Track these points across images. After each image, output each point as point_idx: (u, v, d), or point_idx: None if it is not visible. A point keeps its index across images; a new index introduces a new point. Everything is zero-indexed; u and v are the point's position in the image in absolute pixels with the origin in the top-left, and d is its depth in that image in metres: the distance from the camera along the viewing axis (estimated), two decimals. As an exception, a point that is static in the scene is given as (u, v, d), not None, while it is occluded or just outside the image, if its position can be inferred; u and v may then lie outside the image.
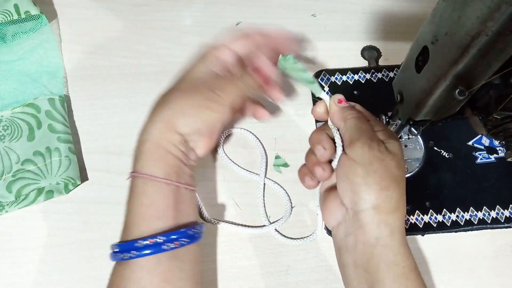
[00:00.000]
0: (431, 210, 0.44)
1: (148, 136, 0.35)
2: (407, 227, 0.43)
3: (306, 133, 0.43)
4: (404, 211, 0.34)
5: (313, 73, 0.51)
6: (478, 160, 0.47)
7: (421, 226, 0.43)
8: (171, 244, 0.32)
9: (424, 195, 0.45)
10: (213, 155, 0.46)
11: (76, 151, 0.44)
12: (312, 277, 0.41)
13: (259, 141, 0.47)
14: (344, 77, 0.50)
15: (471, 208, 0.44)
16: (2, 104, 0.46)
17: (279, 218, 0.43)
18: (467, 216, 0.44)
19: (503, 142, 0.38)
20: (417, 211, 0.44)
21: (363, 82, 0.50)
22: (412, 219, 0.44)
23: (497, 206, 0.44)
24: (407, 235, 0.43)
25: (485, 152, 0.47)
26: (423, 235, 0.43)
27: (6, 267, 0.40)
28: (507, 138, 0.37)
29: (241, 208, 0.44)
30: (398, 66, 0.50)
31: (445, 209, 0.44)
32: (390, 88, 0.38)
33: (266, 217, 0.43)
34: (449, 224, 0.43)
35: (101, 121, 0.47)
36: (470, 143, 0.47)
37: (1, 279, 0.40)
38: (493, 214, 0.44)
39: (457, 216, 0.44)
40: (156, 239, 0.32)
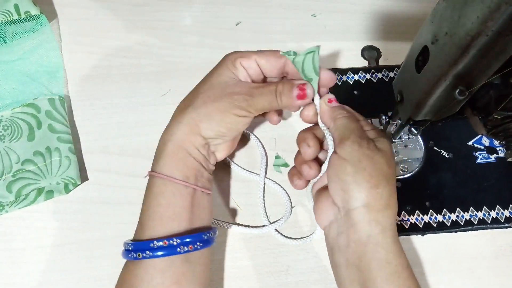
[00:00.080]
0: (431, 210, 0.44)
1: (171, 137, 0.35)
2: (407, 227, 0.43)
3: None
4: (395, 209, 0.34)
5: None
6: (478, 160, 0.47)
7: (421, 226, 0.43)
8: (185, 247, 0.32)
9: (424, 195, 0.45)
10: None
11: (76, 151, 0.44)
12: (312, 277, 0.41)
13: (259, 141, 0.47)
14: (344, 77, 0.50)
15: (471, 208, 0.44)
16: (2, 104, 0.46)
17: (279, 218, 0.43)
18: (467, 216, 0.44)
19: (503, 142, 0.38)
20: (417, 211, 0.44)
21: (363, 82, 0.50)
22: (412, 219, 0.44)
23: (497, 206, 0.44)
24: (407, 235, 0.43)
25: (485, 152, 0.47)
26: (423, 235, 0.43)
27: (6, 267, 0.40)
28: (507, 138, 0.37)
29: (241, 208, 0.44)
30: (398, 66, 0.50)
31: (445, 209, 0.44)
32: (390, 88, 0.38)
33: (266, 217, 0.43)
34: (449, 224, 0.43)
35: (101, 121, 0.47)
36: (470, 143, 0.47)
37: (1, 279, 0.40)
38: (493, 214, 0.44)
39: (457, 216, 0.44)
40: (171, 241, 0.32)
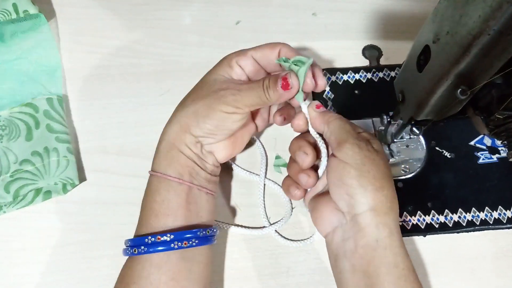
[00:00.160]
0: (433, 211, 0.44)
1: (165, 137, 0.36)
2: (409, 228, 0.43)
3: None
4: (397, 210, 0.34)
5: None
6: (480, 160, 0.46)
7: (423, 227, 0.43)
8: (180, 243, 0.32)
9: (426, 196, 0.44)
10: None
11: (75, 151, 0.44)
12: (313, 279, 0.41)
13: (259, 141, 0.46)
14: (345, 77, 0.50)
15: (473, 209, 0.44)
16: (0, 104, 0.46)
17: (280, 219, 0.43)
18: (469, 217, 0.44)
19: (505, 142, 0.37)
20: (419, 212, 0.43)
21: (364, 82, 0.50)
22: (414, 220, 0.43)
23: (499, 207, 0.44)
24: (409, 236, 0.43)
25: (487, 152, 0.47)
26: (425, 236, 0.43)
27: (5, 268, 0.40)
28: (509, 138, 0.37)
29: (241, 209, 0.44)
30: (400, 66, 0.50)
31: (447, 210, 0.44)
32: (392, 88, 0.38)
33: (266, 218, 0.43)
34: (451, 225, 0.43)
35: (100, 121, 0.47)
36: (472, 143, 0.47)
37: (1, 280, 0.39)
38: (495, 215, 0.44)
39: (459, 217, 0.44)
40: (165, 237, 0.32)
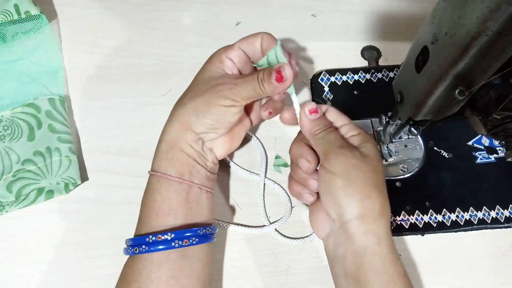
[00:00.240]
0: (431, 210, 0.44)
1: (165, 136, 0.36)
2: (407, 227, 0.43)
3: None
4: (389, 216, 0.34)
5: (313, 73, 0.51)
6: (478, 160, 0.47)
7: (421, 226, 0.43)
8: (180, 242, 0.33)
9: (424, 195, 0.45)
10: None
11: (76, 151, 0.44)
12: (313, 277, 0.41)
13: (259, 141, 0.47)
14: (344, 77, 0.50)
15: (471, 208, 0.44)
16: (2, 104, 0.46)
17: (279, 218, 0.43)
18: (467, 216, 0.44)
19: (503, 142, 0.38)
20: (417, 211, 0.44)
21: (363, 82, 0.50)
22: (412, 219, 0.44)
23: (497, 206, 0.44)
24: (407, 235, 0.43)
25: (485, 152, 0.47)
26: (423, 235, 0.43)
27: (6, 267, 0.40)
28: (507, 138, 0.37)
29: (241, 208, 0.44)
30: (398, 66, 0.50)
31: (445, 209, 0.44)
32: (390, 88, 0.38)
33: (266, 217, 0.43)
34: (449, 224, 0.43)
35: (101, 121, 0.47)
36: (470, 143, 0.47)
37: (1, 279, 0.40)
38: (493, 214, 0.44)
39: (457, 216, 0.44)
40: (166, 236, 0.33)
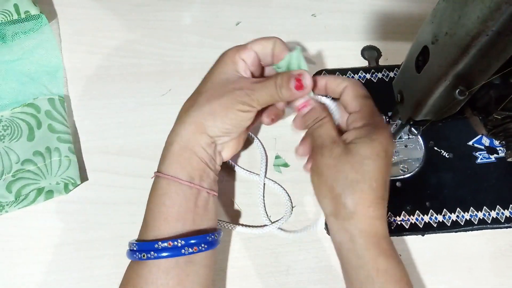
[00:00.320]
0: (431, 210, 0.44)
1: (177, 138, 0.34)
2: (407, 227, 0.43)
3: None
4: (368, 214, 0.32)
5: (313, 73, 0.51)
6: (478, 160, 0.47)
7: (421, 226, 0.43)
8: (190, 249, 0.32)
9: (424, 195, 0.45)
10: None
11: (76, 151, 0.44)
12: (312, 277, 0.41)
13: (259, 141, 0.47)
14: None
15: (471, 208, 0.44)
16: (2, 104, 0.46)
17: (280, 218, 0.43)
18: (467, 216, 0.44)
19: (503, 142, 0.38)
20: (417, 211, 0.44)
21: (363, 82, 0.50)
22: (412, 219, 0.43)
23: (497, 206, 0.44)
24: (408, 235, 0.43)
25: (485, 152, 0.47)
26: (423, 235, 0.43)
27: (6, 267, 0.40)
28: (507, 138, 0.37)
29: (241, 208, 0.44)
30: (398, 66, 0.50)
31: (445, 209, 0.44)
32: (390, 88, 0.38)
33: (267, 217, 0.43)
34: (449, 224, 0.43)
35: (101, 121, 0.47)
36: (470, 143, 0.47)
37: (1, 279, 0.39)
38: (493, 214, 0.44)
39: (457, 216, 0.44)
40: (176, 243, 0.32)
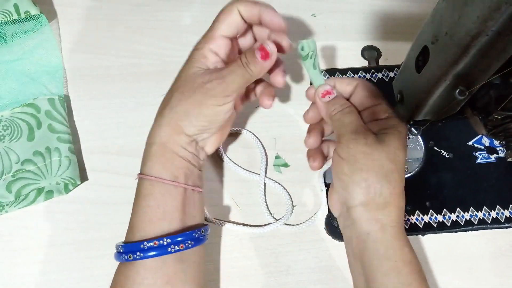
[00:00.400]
0: (431, 210, 0.44)
1: (155, 139, 0.34)
2: (407, 227, 0.43)
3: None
4: (399, 204, 0.33)
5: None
6: (478, 160, 0.47)
7: (421, 226, 0.43)
8: (177, 247, 0.32)
9: (424, 195, 0.45)
10: (213, 155, 0.46)
11: (76, 151, 0.44)
12: (312, 277, 0.41)
13: (259, 141, 0.47)
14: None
15: (471, 208, 0.44)
16: (2, 104, 0.46)
17: (281, 217, 0.43)
18: (467, 216, 0.44)
19: (503, 142, 0.38)
20: (417, 211, 0.44)
21: (363, 82, 0.50)
22: (412, 219, 0.43)
23: (497, 206, 0.44)
24: (408, 235, 0.43)
25: (485, 152, 0.47)
26: (423, 235, 0.43)
27: (6, 267, 0.40)
28: (507, 138, 0.37)
29: (241, 208, 0.44)
30: (398, 66, 0.50)
31: (445, 209, 0.44)
32: (390, 88, 0.38)
33: (271, 215, 0.43)
34: (449, 224, 0.43)
35: (101, 121, 0.47)
36: (470, 143, 0.47)
37: (1, 279, 0.39)
38: (493, 214, 0.44)
39: (457, 216, 0.44)
40: (161, 241, 0.31)
